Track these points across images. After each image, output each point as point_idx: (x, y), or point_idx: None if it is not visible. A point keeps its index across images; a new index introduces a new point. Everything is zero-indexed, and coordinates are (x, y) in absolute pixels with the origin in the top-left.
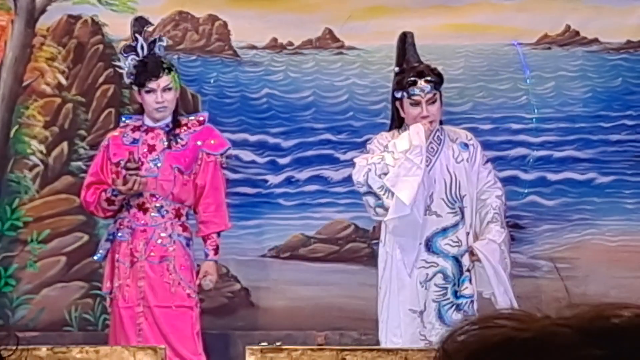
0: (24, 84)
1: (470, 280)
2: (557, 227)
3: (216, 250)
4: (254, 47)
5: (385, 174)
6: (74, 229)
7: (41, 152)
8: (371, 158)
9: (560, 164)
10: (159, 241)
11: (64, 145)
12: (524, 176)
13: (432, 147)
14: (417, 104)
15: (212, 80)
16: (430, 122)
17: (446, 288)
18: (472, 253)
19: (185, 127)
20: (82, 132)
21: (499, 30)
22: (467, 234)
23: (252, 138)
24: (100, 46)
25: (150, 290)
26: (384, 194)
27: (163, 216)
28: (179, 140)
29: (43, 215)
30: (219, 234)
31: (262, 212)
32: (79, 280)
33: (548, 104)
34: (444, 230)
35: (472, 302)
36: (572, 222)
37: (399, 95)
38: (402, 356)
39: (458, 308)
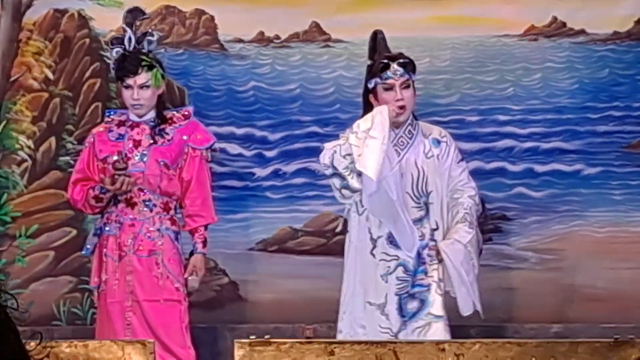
0: (11, 79)
1: (426, 273)
2: (544, 219)
3: (204, 243)
4: (240, 41)
5: (350, 155)
6: (62, 223)
7: (29, 147)
8: (338, 142)
9: (547, 156)
10: (147, 235)
11: (52, 140)
12: (511, 167)
13: (402, 141)
14: (390, 88)
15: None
16: (401, 107)
17: (407, 281)
18: (437, 252)
19: (170, 122)
20: (70, 126)
21: (485, 22)
22: (433, 230)
23: (239, 131)
24: (87, 40)
25: (139, 285)
26: (348, 175)
27: (151, 210)
28: (164, 135)
29: (31, 210)
30: (206, 227)
31: (250, 205)
32: (68, 275)
33: (535, 96)
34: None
35: (427, 290)
36: (559, 214)
37: (372, 84)
38: (391, 348)
39: (412, 297)
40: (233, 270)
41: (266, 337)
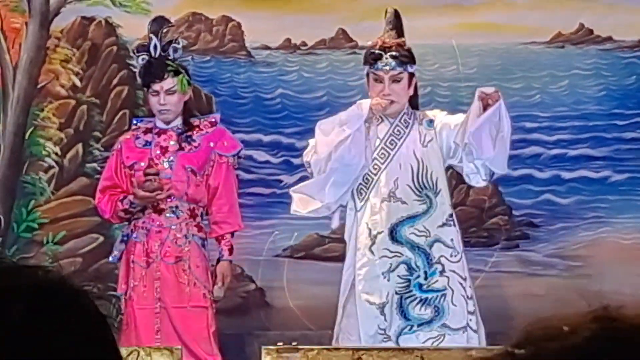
0: (39, 86)
1: (441, 273)
2: (571, 226)
3: (231, 250)
4: (267, 48)
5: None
6: (89, 230)
7: (56, 153)
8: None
9: (574, 162)
10: (174, 242)
11: (79, 146)
12: (539, 175)
13: (398, 131)
14: (380, 80)
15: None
16: (391, 103)
17: (409, 280)
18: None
19: (197, 129)
20: (97, 133)
21: (512, 29)
22: (440, 226)
23: (266, 138)
24: (114, 47)
25: (166, 291)
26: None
27: (178, 217)
28: (191, 141)
29: (58, 217)
30: (232, 234)
31: (277, 212)
32: (95, 282)
33: (562, 103)
34: (410, 218)
35: (443, 296)
36: (586, 220)
37: (364, 71)
38: (418, 355)
39: (426, 303)
40: (260, 277)
41: (293, 343)
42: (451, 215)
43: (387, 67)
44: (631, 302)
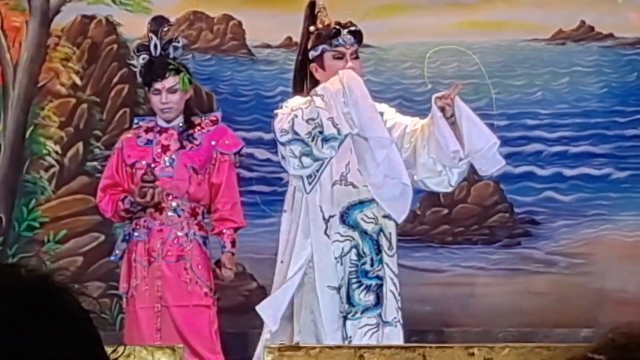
0: (39, 84)
1: (382, 263)
2: (573, 223)
3: (233, 244)
4: (268, 46)
5: (314, 119)
6: (90, 229)
7: (57, 152)
8: (294, 107)
9: (576, 160)
10: (176, 240)
11: (79, 145)
12: (540, 172)
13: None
14: (341, 56)
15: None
16: None
17: (357, 265)
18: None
19: (198, 127)
20: (97, 132)
21: (513, 26)
22: (385, 216)
23: (267, 136)
24: (115, 46)
25: (168, 290)
26: (312, 141)
27: (179, 215)
28: (192, 140)
29: (59, 216)
30: (235, 230)
31: (278, 210)
32: (96, 280)
33: (563, 100)
34: (361, 203)
35: (382, 285)
36: (588, 218)
37: (317, 51)
38: (421, 353)
39: (370, 290)
40: (261, 275)
41: (295, 342)
42: None
43: (348, 42)
44: (633, 299)
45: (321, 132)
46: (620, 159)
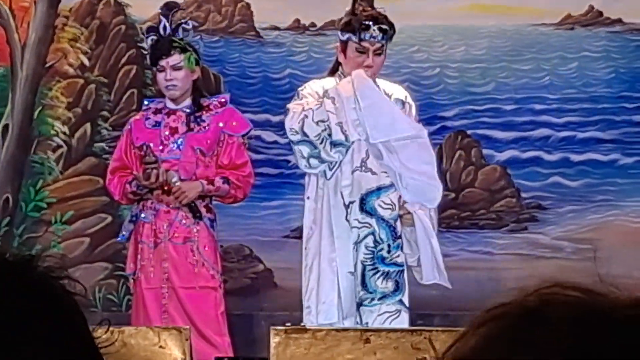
0: (47, 65)
1: (402, 248)
2: (580, 208)
3: (216, 189)
4: (276, 28)
5: (324, 121)
6: (97, 210)
7: (64, 133)
8: (307, 105)
9: (583, 145)
10: (183, 222)
11: (87, 126)
12: (547, 157)
13: None
14: (364, 51)
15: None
16: (372, 75)
17: (373, 252)
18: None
19: (206, 109)
20: (105, 113)
21: (522, 10)
22: (400, 197)
23: (275, 119)
24: (123, 27)
25: (174, 272)
26: (321, 143)
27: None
28: (200, 122)
29: (67, 197)
30: (228, 182)
31: (285, 192)
32: (103, 261)
33: (571, 85)
34: (378, 189)
35: (402, 271)
36: (595, 203)
37: (344, 37)
38: (427, 336)
39: (388, 276)
40: (268, 258)
41: (302, 324)
42: None
43: (375, 39)
44: (639, 285)
45: (330, 135)
46: (627, 144)
